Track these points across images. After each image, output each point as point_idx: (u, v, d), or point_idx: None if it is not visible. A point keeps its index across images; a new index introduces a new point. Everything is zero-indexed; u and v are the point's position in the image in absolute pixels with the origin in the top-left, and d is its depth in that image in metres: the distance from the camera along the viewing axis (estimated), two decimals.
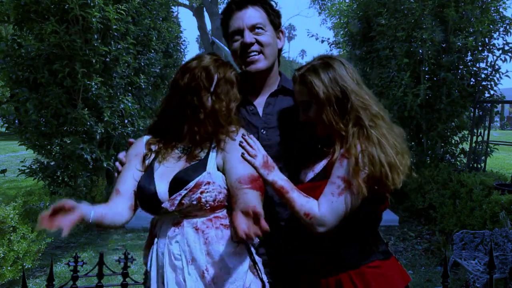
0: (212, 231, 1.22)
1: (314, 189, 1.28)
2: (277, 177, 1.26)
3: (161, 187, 1.24)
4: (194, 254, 1.19)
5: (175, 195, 1.20)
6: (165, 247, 1.22)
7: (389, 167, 1.20)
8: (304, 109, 1.34)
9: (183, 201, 1.20)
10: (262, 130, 1.45)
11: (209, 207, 1.21)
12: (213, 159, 1.26)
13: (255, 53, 1.42)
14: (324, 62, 1.32)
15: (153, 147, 1.35)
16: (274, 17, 1.48)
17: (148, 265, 1.27)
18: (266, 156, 1.29)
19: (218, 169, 1.26)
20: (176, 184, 1.22)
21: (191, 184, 1.19)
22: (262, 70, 1.44)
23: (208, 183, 1.20)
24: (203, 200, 1.20)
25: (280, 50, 1.52)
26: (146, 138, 1.39)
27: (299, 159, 1.42)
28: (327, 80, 1.28)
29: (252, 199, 1.16)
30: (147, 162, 1.33)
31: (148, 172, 1.29)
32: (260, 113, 1.47)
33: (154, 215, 1.30)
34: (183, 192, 1.20)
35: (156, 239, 1.26)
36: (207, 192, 1.20)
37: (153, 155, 1.33)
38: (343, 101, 1.28)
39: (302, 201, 1.23)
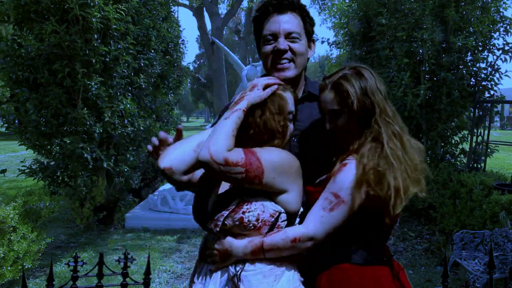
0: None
1: (313, 195, 1.29)
2: (247, 240, 1.23)
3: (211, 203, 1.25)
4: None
5: (218, 216, 1.19)
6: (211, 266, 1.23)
7: (395, 192, 1.18)
8: (332, 117, 1.32)
9: (226, 222, 1.18)
10: (293, 138, 1.44)
11: (252, 227, 1.18)
12: None
13: (286, 60, 1.41)
14: (357, 72, 1.30)
15: None
16: (309, 25, 1.47)
17: (196, 281, 1.28)
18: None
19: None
20: (220, 204, 1.21)
21: (233, 204, 1.18)
22: (290, 78, 1.43)
23: (250, 202, 1.18)
24: (245, 220, 1.17)
25: (308, 58, 1.52)
26: None
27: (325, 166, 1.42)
28: (360, 90, 1.27)
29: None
30: None
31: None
32: None
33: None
34: (225, 213, 1.18)
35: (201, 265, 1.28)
36: (249, 211, 1.18)
37: None
38: (368, 114, 1.27)
39: (280, 236, 1.20)
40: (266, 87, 1.25)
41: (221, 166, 1.10)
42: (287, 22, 1.41)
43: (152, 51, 6.22)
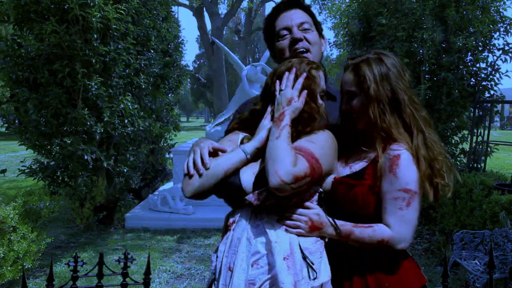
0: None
1: (348, 187, 1.25)
2: (339, 223, 1.23)
3: (246, 177, 1.23)
4: (273, 251, 1.14)
5: (261, 190, 1.17)
6: (244, 233, 1.19)
7: (441, 180, 1.22)
8: (348, 98, 1.32)
9: (270, 199, 1.17)
10: None
11: (292, 203, 1.20)
12: None
13: (303, 49, 1.46)
14: (379, 58, 1.31)
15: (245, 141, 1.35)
16: (318, 24, 1.55)
17: (222, 249, 1.24)
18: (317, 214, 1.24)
19: None
20: (263, 178, 1.18)
21: None
22: None
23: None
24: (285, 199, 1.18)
25: (322, 53, 1.57)
26: (241, 135, 1.39)
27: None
28: (379, 77, 1.27)
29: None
30: None
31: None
32: None
33: (234, 206, 1.28)
34: (266, 190, 1.17)
35: (233, 225, 1.23)
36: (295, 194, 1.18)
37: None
38: (394, 101, 1.26)
39: (368, 233, 1.20)
40: (300, 94, 1.26)
41: (293, 185, 1.11)
42: (297, 15, 1.49)
43: (152, 51, 6.22)
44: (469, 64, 5.31)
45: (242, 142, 1.34)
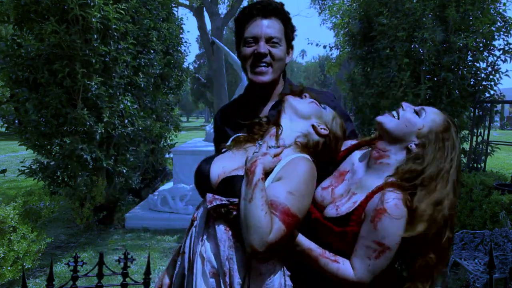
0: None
1: (331, 233, 1.24)
2: (304, 239, 1.23)
3: (215, 169, 1.23)
4: (221, 254, 1.14)
5: (218, 197, 1.15)
6: (203, 232, 1.19)
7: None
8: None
9: (221, 210, 1.15)
10: None
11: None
12: (271, 178, 1.18)
13: (264, 64, 1.44)
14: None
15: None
16: (290, 32, 1.50)
17: (188, 244, 1.25)
18: None
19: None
20: (224, 186, 1.18)
21: (235, 200, 1.14)
22: (266, 83, 1.46)
23: None
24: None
25: (286, 64, 1.54)
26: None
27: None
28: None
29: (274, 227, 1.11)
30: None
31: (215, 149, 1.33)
32: None
33: (201, 195, 1.26)
34: (224, 201, 1.15)
35: (195, 222, 1.23)
36: None
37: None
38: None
39: (332, 268, 1.20)
40: (275, 155, 1.22)
41: (268, 251, 1.08)
42: (269, 26, 1.43)
43: (152, 51, 6.22)
44: (469, 64, 5.31)
45: (238, 141, 1.35)
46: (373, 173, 1.28)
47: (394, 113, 1.29)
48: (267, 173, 1.17)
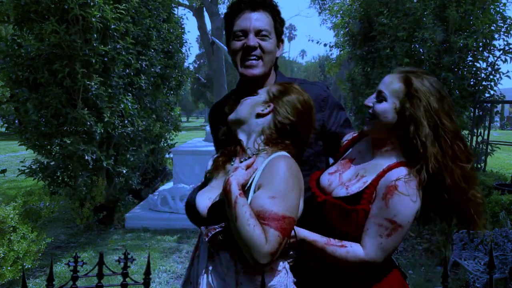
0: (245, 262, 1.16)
1: (343, 213, 1.23)
2: (307, 232, 1.23)
3: (201, 201, 1.23)
4: (227, 281, 1.16)
5: (211, 227, 1.15)
6: (204, 267, 1.20)
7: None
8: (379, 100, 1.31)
9: (219, 237, 1.15)
10: None
11: None
12: (254, 183, 1.18)
13: (254, 57, 1.43)
14: (426, 74, 1.30)
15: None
16: (279, 25, 1.49)
17: (190, 276, 1.27)
18: None
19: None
20: (213, 214, 1.18)
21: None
22: (257, 76, 1.45)
23: None
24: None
25: (277, 58, 1.54)
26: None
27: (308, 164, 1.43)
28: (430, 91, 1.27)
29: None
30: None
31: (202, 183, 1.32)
32: None
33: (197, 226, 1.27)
34: (218, 228, 1.15)
35: (197, 252, 1.24)
36: None
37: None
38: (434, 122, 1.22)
39: (341, 253, 1.20)
40: (247, 167, 1.22)
41: (272, 258, 1.08)
42: (258, 19, 1.43)
43: (152, 51, 6.22)
44: (469, 64, 5.31)
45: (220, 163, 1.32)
46: (381, 158, 1.29)
47: (366, 119, 1.31)
48: (248, 187, 1.17)
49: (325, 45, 8.13)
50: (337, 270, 1.29)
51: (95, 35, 4.76)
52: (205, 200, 1.23)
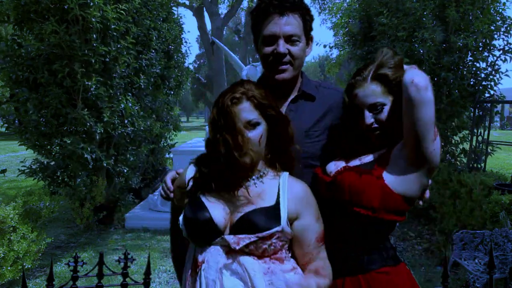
0: (272, 263, 1.19)
1: (357, 175, 1.28)
2: None
3: (217, 213, 1.21)
4: (255, 283, 1.14)
5: (243, 236, 1.17)
6: (218, 274, 1.17)
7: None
8: (373, 111, 1.32)
9: (250, 246, 1.17)
10: None
11: (271, 252, 1.21)
12: (285, 208, 1.22)
13: (285, 63, 1.42)
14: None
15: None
16: (309, 24, 1.46)
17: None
18: None
19: (288, 219, 1.22)
20: (244, 225, 1.18)
21: (264, 234, 1.17)
22: (287, 80, 1.45)
23: (279, 237, 1.20)
24: (268, 249, 1.19)
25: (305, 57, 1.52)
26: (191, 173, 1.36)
27: (324, 162, 1.44)
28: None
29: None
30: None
31: (193, 202, 1.26)
32: None
33: (204, 244, 1.23)
34: (253, 238, 1.17)
35: (203, 265, 1.20)
36: (273, 244, 1.20)
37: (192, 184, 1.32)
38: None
39: None
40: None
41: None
42: (288, 24, 1.39)
43: (153, 51, 6.22)
44: (469, 64, 5.31)
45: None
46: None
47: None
48: (277, 207, 1.23)
49: (324, 46, 8.15)
50: (346, 249, 1.32)
51: (95, 35, 4.76)
52: (221, 212, 1.22)
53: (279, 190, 1.25)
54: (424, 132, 1.17)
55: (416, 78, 1.17)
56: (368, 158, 1.33)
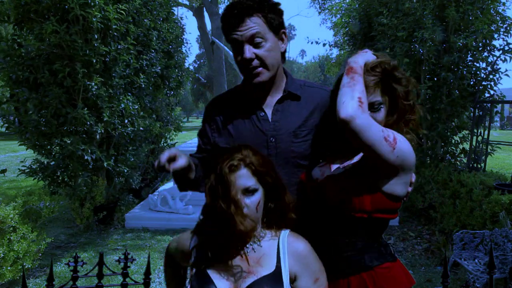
0: None
1: (339, 183, 1.29)
2: None
3: (222, 287, 1.21)
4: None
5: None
6: None
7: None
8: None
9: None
10: (271, 138, 1.45)
11: None
12: (286, 271, 1.22)
13: (256, 67, 1.41)
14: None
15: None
16: (274, 20, 1.42)
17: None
18: None
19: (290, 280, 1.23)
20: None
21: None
22: (263, 82, 1.44)
23: None
24: None
25: (284, 52, 1.49)
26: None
27: (313, 162, 1.44)
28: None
29: None
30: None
31: (199, 274, 1.24)
32: (270, 119, 1.47)
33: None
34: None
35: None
36: None
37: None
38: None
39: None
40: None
41: None
42: (248, 28, 1.38)
43: (153, 51, 6.21)
44: (469, 64, 5.31)
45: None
46: None
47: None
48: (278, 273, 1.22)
49: (324, 45, 8.15)
50: (345, 250, 1.32)
51: (96, 35, 4.76)
52: (226, 284, 1.22)
53: (279, 251, 1.24)
54: (378, 150, 1.17)
55: (340, 113, 1.15)
56: (351, 162, 1.34)
